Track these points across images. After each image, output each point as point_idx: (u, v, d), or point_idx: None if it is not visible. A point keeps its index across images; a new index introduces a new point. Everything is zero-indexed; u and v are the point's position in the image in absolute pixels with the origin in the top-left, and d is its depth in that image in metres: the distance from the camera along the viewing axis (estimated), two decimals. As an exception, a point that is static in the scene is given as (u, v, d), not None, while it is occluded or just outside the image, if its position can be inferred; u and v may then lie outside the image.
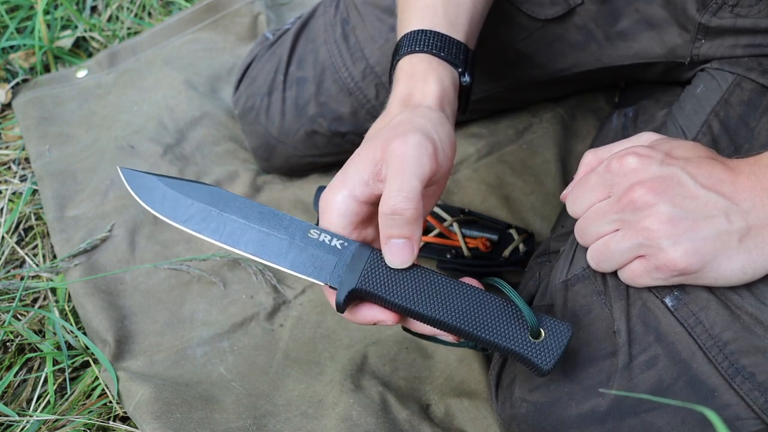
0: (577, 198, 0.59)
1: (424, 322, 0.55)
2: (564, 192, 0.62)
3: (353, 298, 0.55)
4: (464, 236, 0.85)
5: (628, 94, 0.94)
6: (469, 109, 0.70)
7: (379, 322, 0.55)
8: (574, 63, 0.83)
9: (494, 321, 0.53)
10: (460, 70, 0.64)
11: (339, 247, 0.55)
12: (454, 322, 0.53)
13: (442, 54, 0.63)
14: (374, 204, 0.56)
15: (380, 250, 0.54)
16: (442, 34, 0.64)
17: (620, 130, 0.88)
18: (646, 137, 0.60)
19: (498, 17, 0.79)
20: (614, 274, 0.59)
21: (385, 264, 0.54)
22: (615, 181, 0.55)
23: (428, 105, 0.60)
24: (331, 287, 0.55)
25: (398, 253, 0.53)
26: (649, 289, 0.58)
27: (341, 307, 0.54)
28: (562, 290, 0.63)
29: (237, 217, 0.57)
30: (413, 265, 0.54)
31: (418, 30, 0.64)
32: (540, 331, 0.53)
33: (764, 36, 0.69)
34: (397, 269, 0.54)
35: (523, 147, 0.97)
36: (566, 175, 0.95)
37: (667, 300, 0.57)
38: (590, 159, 0.61)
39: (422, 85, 0.61)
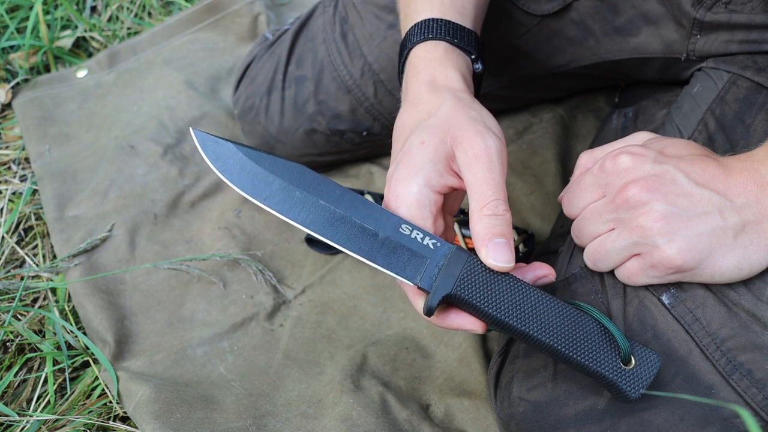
0: (573, 198, 0.59)
1: (514, 335, 0.53)
2: (561, 194, 0.62)
3: (443, 302, 0.52)
4: (464, 236, 0.85)
5: (628, 95, 0.94)
6: (479, 98, 0.70)
7: (467, 331, 0.54)
8: (572, 58, 0.84)
9: (586, 343, 0.51)
10: (473, 56, 0.64)
11: (431, 247, 0.52)
12: (546, 339, 0.51)
13: (455, 41, 0.63)
14: (444, 195, 0.56)
15: (476, 256, 0.52)
16: (453, 23, 0.64)
17: (620, 130, 0.88)
18: (640, 136, 0.60)
19: (496, 14, 0.80)
20: (611, 272, 0.59)
21: (482, 271, 0.52)
22: (609, 180, 0.55)
23: (459, 88, 0.60)
24: (420, 288, 0.52)
25: (502, 252, 0.52)
26: (646, 287, 0.58)
27: (432, 312, 0.52)
28: (560, 289, 0.63)
29: (325, 202, 0.53)
30: (508, 275, 0.52)
31: (430, 19, 0.64)
32: (631, 358, 0.52)
33: (759, 32, 0.69)
34: (493, 278, 0.52)
35: (523, 147, 0.97)
36: (566, 175, 0.95)
37: (664, 298, 0.57)
38: (585, 160, 0.61)
39: (442, 69, 0.61)
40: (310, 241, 0.90)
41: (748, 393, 0.54)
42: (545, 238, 0.88)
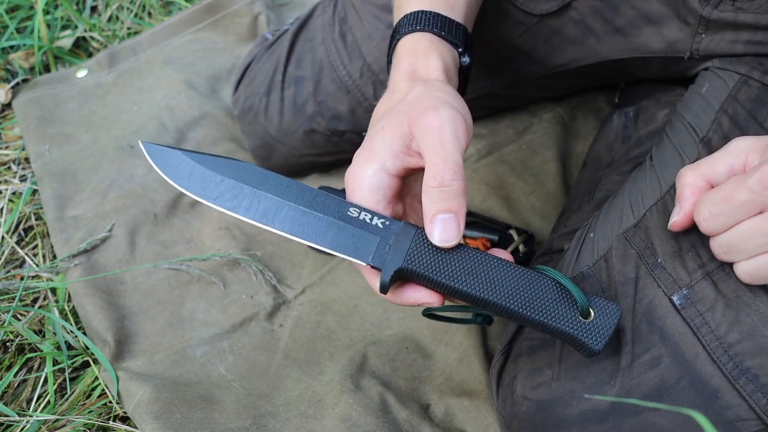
0: (719, 216, 0.54)
1: (470, 303, 0.53)
2: (675, 219, 0.57)
3: (397, 278, 0.52)
4: (464, 237, 0.85)
5: (629, 94, 0.94)
6: (467, 94, 0.70)
7: (423, 304, 0.54)
8: (572, 58, 0.84)
9: (544, 301, 0.52)
10: (460, 50, 0.64)
11: (380, 226, 0.52)
12: (503, 302, 0.51)
13: (442, 33, 0.63)
14: (403, 178, 0.55)
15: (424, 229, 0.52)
16: (442, 15, 0.64)
17: (621, 130, 0.88)
18: (744, 144, 0.55)
19: (495, 13, 0.80)
20: (620, 270, 0.59)
21: (431, 243, 0.51)
22: None
23: (436, 78, 0.59)
24: (373, 267, 0.52)
25: (446, 229, 0.51)
26: (658, 285, 0.58)
27: (386, 288, 0.52)
28: None
29: (271, 195, 0.54)
30: (458, 244, 0.52)
31: (418, 11, 0.64)
32: (590, 311, 0.52)
33: (764, 33, 0.69)
34: (442, 249, 0.52)
35: (523, 147, 0.97)
36: (566, 175, 0.95)
37: (675, 298, 0.57)
38: (694, 179, 0.57)
39: (425, 60, 0.61)
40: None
41: (753, 397, 0.54)
42: (545, 238, 0.88)
